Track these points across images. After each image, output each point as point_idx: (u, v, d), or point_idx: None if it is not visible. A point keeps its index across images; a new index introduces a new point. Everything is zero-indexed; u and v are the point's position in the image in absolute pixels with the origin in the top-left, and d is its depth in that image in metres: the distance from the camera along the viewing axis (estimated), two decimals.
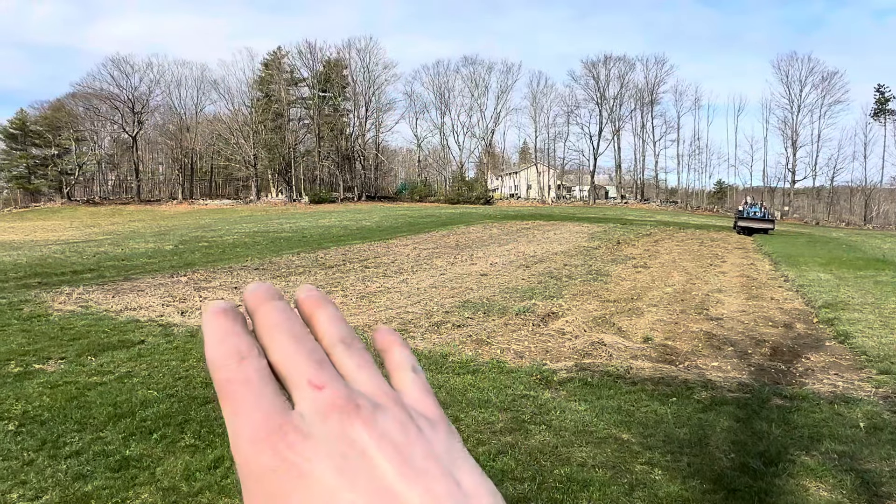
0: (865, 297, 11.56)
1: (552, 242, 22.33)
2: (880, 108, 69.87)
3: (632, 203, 71.76)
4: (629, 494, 3.73)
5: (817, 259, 18.80)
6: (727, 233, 31.40)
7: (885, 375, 6.59)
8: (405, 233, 25.63)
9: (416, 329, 8.32)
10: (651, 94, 75.18)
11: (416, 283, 12.52)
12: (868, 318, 9.60)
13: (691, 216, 53.34)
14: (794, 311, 10.42)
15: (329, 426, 0.26)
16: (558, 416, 4.97)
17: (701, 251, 20.89)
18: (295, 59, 72.34)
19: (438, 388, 5.68)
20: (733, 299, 11.47)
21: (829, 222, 62.42)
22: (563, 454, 4.25)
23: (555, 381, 6.01)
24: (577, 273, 14.29)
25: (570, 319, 9.20)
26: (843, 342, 8.21)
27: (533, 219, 36.55)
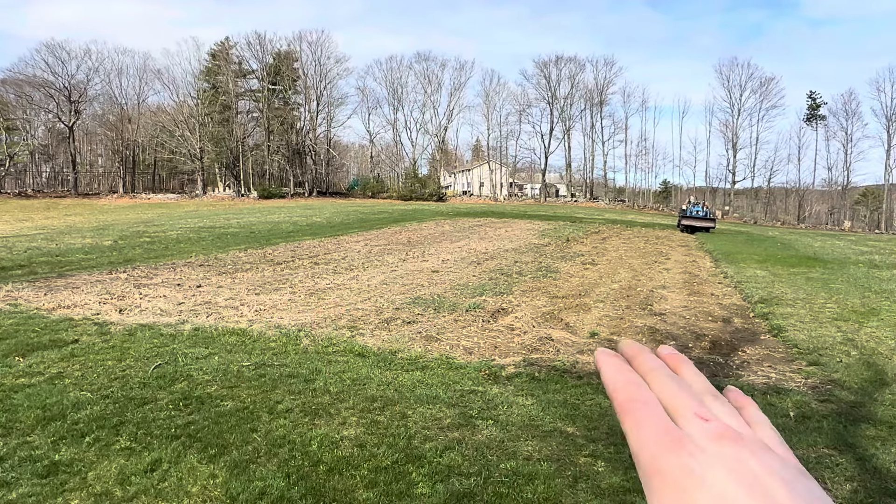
0: (797, 293, 12.14)
1: (503, 240, 22.54)
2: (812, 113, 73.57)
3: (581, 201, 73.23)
4: (573, 486, 3.80)
5: (754, 257, 19.64)
6: (671, 231, 32.43)
7: (814, 367, 6.93)
8: (357, 229, 25.39)
9: (365, 326, 8.24)
10: (600, 94, 76.85)
11: (366, 280, 12.41)
12: (800, 313, 10.08)
13: (638, 215, 54.83)
14: (732, 307, 10.83)
15: (721, 448, 0.32)
16: (505, 411, 5.01)
17: (646, 248, 21.49)
18: (244, 50, 70.60)
19: (386, 385, 5.64)
20: (676, 295, 11.84)
21: (766, 221, 65.32)
22: (510, 448, 4.29)
23: (503, 376, 6.06)
24: (527, 270, 14.46)
25: (520, 315, 9.30)
26: (777, 336, 8.59)
27: (485, 216, 36.81)
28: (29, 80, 63.60)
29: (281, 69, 69.28)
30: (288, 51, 71.55)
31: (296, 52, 71.86)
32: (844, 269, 16.87)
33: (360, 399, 5.24)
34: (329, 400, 5.20)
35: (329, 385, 5.57)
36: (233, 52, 70.04)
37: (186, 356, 6.44)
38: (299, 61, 72.02)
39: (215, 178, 71.76)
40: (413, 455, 4.18)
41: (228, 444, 4.32)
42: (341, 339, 7.37)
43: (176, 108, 66.59)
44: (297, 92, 72.59)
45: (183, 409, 4.96)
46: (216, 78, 68.54)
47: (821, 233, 45.16)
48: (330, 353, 6.80)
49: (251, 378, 5.77)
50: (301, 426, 4.64)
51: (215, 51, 69.23)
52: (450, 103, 78.63)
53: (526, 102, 77.57)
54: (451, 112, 78.77)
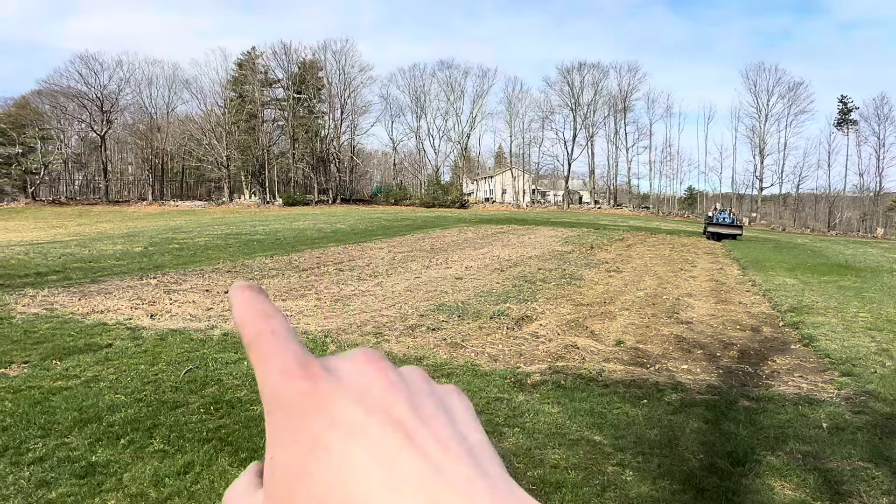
0: (829, 302, 11.89)
1: (527, 247, 22.48)
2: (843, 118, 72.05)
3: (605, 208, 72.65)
4: (601, 495, 3.78)
5: (783, 264, 19.28)
6: (697, 238, 31.99)
7: (847, 377, 6.78)
8: (380, 236, 25.55)
9: (390, 332, 8.29)
10: (624, 101, 76.33)
11: (390, 287, 12.49)
12: (831, 322, 9.87)
13: (663, 221, 54.21)
14: (761, 315, 10.65)
15: (353, 366, 0.30)
16: (532, 419, 5.00)
17: (672, 256, 21.24)
18: (269, 59, 71.74)
19: None
20: (703, 303, 11.69)
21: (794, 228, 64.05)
22: (537, 456, 4.28)
23: (528, 383, 6.05)
24: (550, 277, 14.40)
25: (544, 323, 9.27)
26: (808, 345, 8.42)
27: (508, 223, 36.75)
28: (63, 91, 65.49)
29: (306, 78, 70.26)
30: (313, 60, 72.55)
31: (320, 62, 72.84)
32: (878, 277, 16.46)
33: None
34: None
35: None
36: (259, 62, 71.28)
37: (216, 361, 6.55)
38: (324, 70, 72.96)
39: (241, 186, 72.90)
40: None
41: (259, 448, 4.39)
42: (367, 345, 7.42)
43: (203, 117, 67.89)
44: (322, 100, 73.50)
45: (214, 412, 5.05)
46: (243, 87, 69.77)
47: (852, 240, 44.13)
48: None
49: None
50: None
51: (242, 61, 70.50)
52: (472, 111, 78.88)
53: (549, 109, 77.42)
54: (473, 119, 78.99)
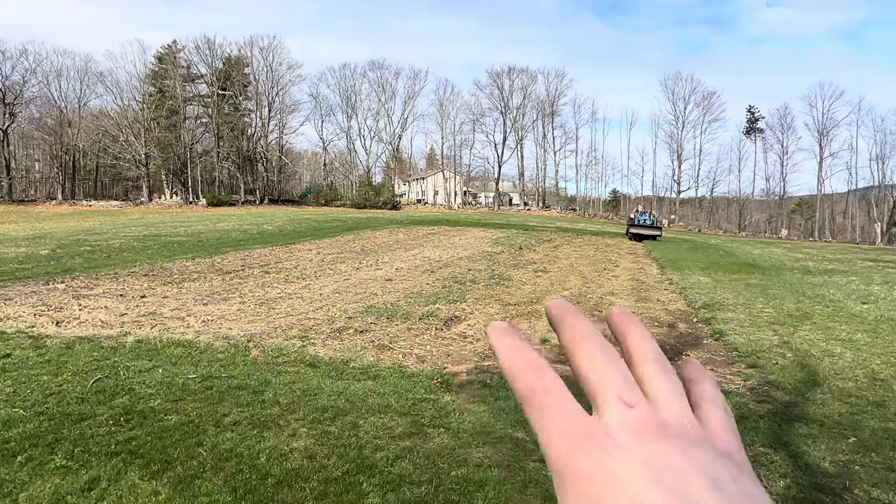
0: (738, 299, 12.65)
1: (457, 248, 22.66)
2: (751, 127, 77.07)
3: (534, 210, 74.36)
4: (522, 492, 3.85)
5: (698, 264, 20.37)
6: (620, 239, 33.28)
7: (753, 369, 7.23)
8: (309, 237, 25.05)
9: (316, 335, 8.13)
10: (552, 105, 78.45)
11: (318, 289, 12.26)
12: (739, 318, 10.50)
13: (588, 223, 56.07)
14: (677, 312, 11.19)
15: (641, 443, 0.28)
16: (457, 419, 5.04)
17: (596, 256, 21.99)
18: (192, 54, 68.96)
19: (337, 395, 5.58)
20: (624, 301, 12.15)
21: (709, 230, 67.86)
22: (461, 456, 4.31)
23: (455, 384, 6.09)
24: (480, 278, 14.58)
25: (472, 323, 9.37)
26: (719, 339, 8.92)
27: (439, 224, 36.94)
28: None
29: (231, 74, 67.94)
30: (238, 56, 70.28)
31: (247, 58, 70.66)
32: (781, 275, 17.68)
33: (311, 410, 5.17)
34: (278, 411, 5.11)
35: (279, 396, 5.48)
36: (180, 56, 68.35)
37: (128, 369, 6.21)
38: (250, 67, 70.84)
39: (162, 185, 69.56)
40: (364, 465, 4.15)
41: (172, 459, 4.19)
42: (292, 350, 7.25)
43: (120, 113, 64.30)
44: (248, 98, 71.32)
45: (124, 424, 4.78)
46: (163, 82, 66.66)
47: (760, 240, 47.21)
48: (280, 363, 6.68)
49: (197, 391, 5.61)
50: (249, 439, 4.54)
51: (162, 54, 67.35)
52: (404, 112, 78.80)
53: (479, 112, 78.49)
54: (405, 120, 78.94)
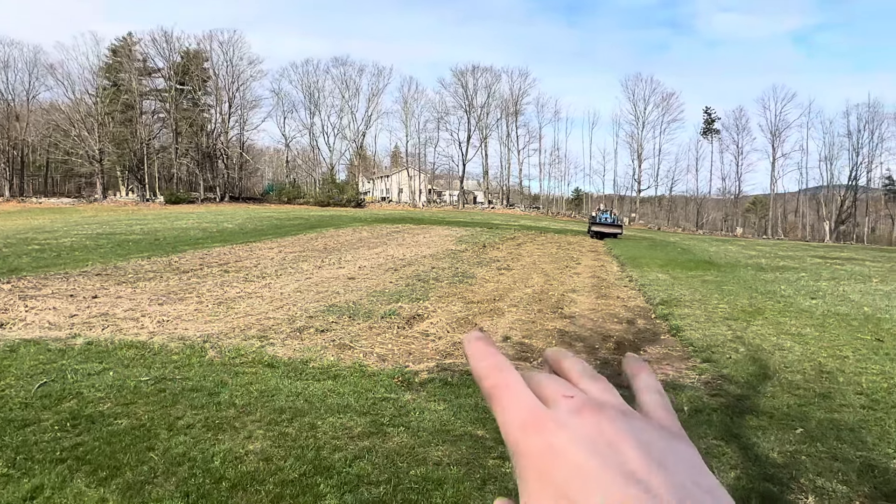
0: (694, 295, 12.97)
1: (421, 246, 22.63)
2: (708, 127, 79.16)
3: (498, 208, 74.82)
4: (481, 489, 3.85)
5: (657, 261, 20.81)
6: (582, 237, 33.77)
7: (707, 363, 7.42)
8: (270, 235, 24.65)
9: (276, 335, 8.00)
10: (515, 104, 79.03)
11: (279, 288, 12.07)
12: (695, 313, 10.77)
13: (552, 221, 56.71)
14: (636, 308, 11.41)
15: (581, 420, 0.32)
16: (417, 417, 5.02)
17: (559, 254, 22.25)
18: (148, 47, 66.94)
19: (296, 395, 5.50)
20: (585, 298, 12.33)
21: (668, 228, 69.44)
22: (420, 454, 4.29)
23: (416, 382, 6.07)
24: (443, 276, 14.58)
25: (435, 321, 9.36)
26: (675, 335, 9.13)
27: (403, 222, 36.83)
28: None
29: (190, 69, 66.24)
30: (197, 50, 68.59)
31: (206, 52, 69.04)
32: (735, 271, 18.21)
33: (268, 411, 5.07)
34: (234, 413, 5.00)
35: (235, 398, 5.36)
36: (136, 49, 66.28)
37: (77, 372, 5.99)
38: (209, 61, 69.23)
39: (117, 182, 67.41)
40: (322, 466, 4.09)
41: (122, 464, 4.06)
42: (250, 350, 7.11)
43: (72, 106, 61.96)
44: (208, 93, 69.72)
45: (71, 429, 4.61)
46: (118, 75, 64.56)
47: (716, 238, 48.53)
48: (237, 364, 6.54)
49: (150, 393, 5.45)
50: (203, 442, 4.43)
51: (116, 47, 65.21)
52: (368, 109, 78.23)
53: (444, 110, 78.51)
54: (369, 118, 78.36)
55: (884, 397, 6.18)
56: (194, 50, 68.26)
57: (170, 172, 68.08)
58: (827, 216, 71.31)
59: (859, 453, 4.63)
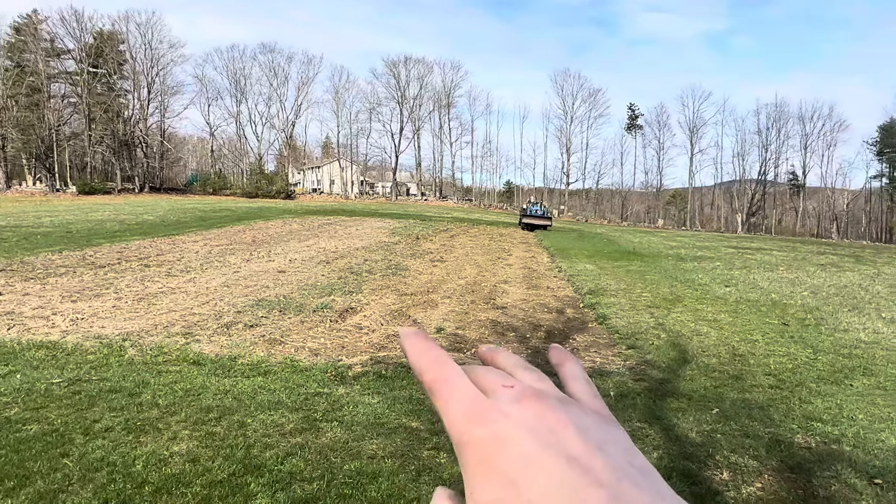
0: (619, 284, 13.49)
1: (354, 238, 22.36)
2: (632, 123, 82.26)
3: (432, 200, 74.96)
4: (416, 480, 3.86)
5: (584, 252, 21.50)
6: (514, 229, 34.38)
7: (632, 350, 7.74)
8: (195, 228, 23.66)
9: (202, 331, 7.70)
10: (448, 96, 79.20)
11: (205, 283, 11.62)
12: (621, 302, 11.21)
13: (484, 213, 57.41)
14: (565, 298, 11.74)
15: (523, 409, 0.33)
16: (351, 411, 4.97)
17: (491, 246, 22.57)
18: (56, 26, 62.37)
19: (224, 393, 5.32)
20: (517, 289, 12.58)
21: (595, 220, 71.80)
22: (354, 449, 4.26)
23: (350, 376, 6.01)
24: (377, 268, 14.48)
25: (368, 314, 9.29)
26: (602, 323, 9.47)
27: (335, 214, 36.26)
28: None
29: (104, 51, 62.29)
30: (112, 31, 64.60)
31: (121, 34, 65.14)
32: (657, 262, 19.08)
33: (194, 410, 4.88)
34: (157, 414, 4.78)
35: (158, 398, 5.12)
36: (43, 28, 61.65)
37: None
38: (126, 43, 65.39)
39: (23, 171, 62.65)
40: (252, 465, 3.98)
41: (32, 473, 3.79)
42: (174, 348, 6.81)
43: None
44: (125, 77, 65.88)
45: None
46: (22, 56, 59.83)
47: (639, 230, 50.63)
48: (160, 363, 6.25)
49: (63, 396, 5.12)
50: (123, 445, 4.21)
51: (20, 25, 60.40)
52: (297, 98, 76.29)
53: (376, 101, 77.66)
54: (298, 107, 76.44)
55: (789, 377, 6.66)
56: (108, 31, 64.26)
57: (83, 161, 63.97)
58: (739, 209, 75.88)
59: (768, 430, 4.98)
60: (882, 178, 71.37)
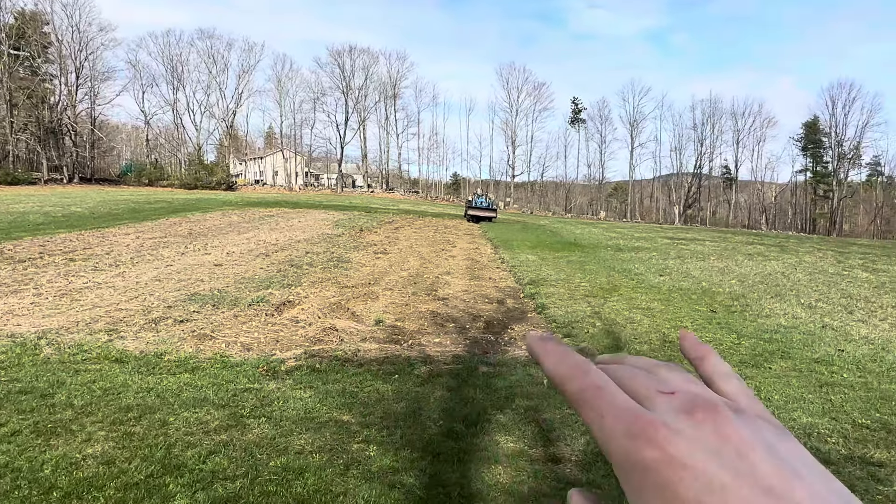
0: (559, 274, 13.74)
1: (296, 230, 21.92)
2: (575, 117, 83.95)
3: (378, 192, 74.40)
4: (344, 474, 3.80)
5: (527, 243, 21.80)
6: (459, 220, 34.52)
7: (568, 338, 7.89)
8: (127, 220, 22.64)
9: (127, 328, 7.36)
10: (394, 87, 78.68)
11: (135, 277, 11.13)
12: (560, 292, 11.41)
13: (431, 205, 57.40)
14: (507, 289, 11.86)
15: (697, 424, 0.29)
16: (280, 407, 4.85)
17: (435, 237, 22.57)
18: None
19: (146, 391, 5.09)
20: (459, 280, 12.62)
21: (540, 211, 73.00)
22: (281, 444, 4.15)
23: (282, 370, 5.87)
24: (318, 261, 14.23)
25: (306, 307, 9.11)
26: (541, 313, 9.61)
27: (277, 206, 35.46)
28: None
29: (26, 32, 58.58)
30: (35, 12, 60.80)
31: (46, 14, 61.43)
32: (597, 252, 19.55)
33: (113, 410, 4.65)
34: (71, 415, 4.53)
35: (73, 398, 4.86)
36: None
37: None
38: (51, 25, 61.73)
39: None
40: (172, 465, 3.83)
41: None
42: (95, 345, 6.48)
43: None
44: (50, 61, 62.21)
45: None
46: None
47: (582, 221, 51.78)
48: (79, 361, 5.94)
49: None
50: (31, 449, 3.96)
51: None
52: (238, 86, 74.06)
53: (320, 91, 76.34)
54: (239, 96, 74.25)
55: None
56: (31, 11, 60.45)
57: (4, 150, 60.10)
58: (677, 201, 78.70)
59: None
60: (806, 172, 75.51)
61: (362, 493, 3.59)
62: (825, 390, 5.91)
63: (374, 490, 3.62)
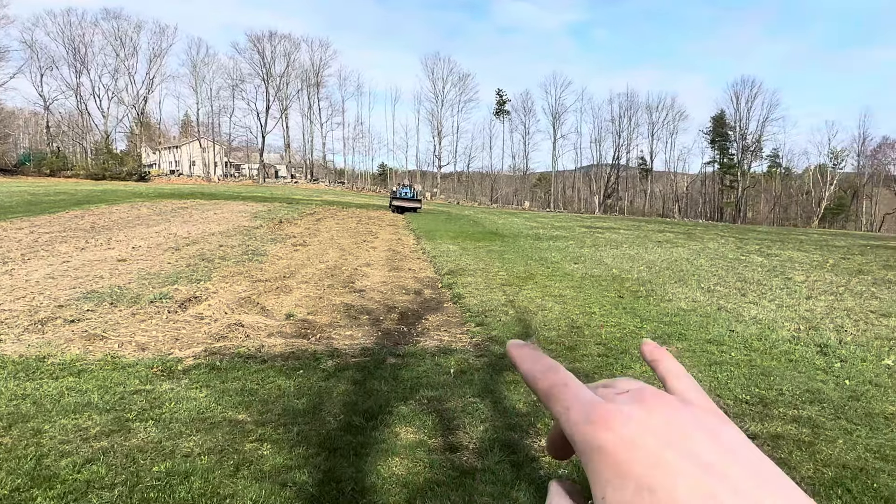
0: (478, 264, 13.90)
1: (210, 223, 21.05)
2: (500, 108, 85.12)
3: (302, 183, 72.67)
4: (233, 475, 3.67)
5: (449, 233, 21.93)
6: (384, 211, 34.28)
7: (480, 327, 7.98)
8: (21, 213, 20.99)
9: (8, 330, 6.80)
10: (317, 75, 76.90)
11: (24, 275, 10.33)
12: (477, 281, 11.54)
13: (356, 196, 56.64)
14: (426, 279, 11.87)
15: (648, 411, 0.33)
16: (171, 408, 4.62)
17: (358, 228, 22.30)
18: None
19: (21, 398, 4.72)
20: (378, 272, 12.51)
21: (466, 202, 73.67)
22: (168, 448, 3.96)
23: (179, 370, 5.60)
24: (231, 254, 13.73)
25: (213, 303, 8.75)
26: (457, 302, 9.68)
27: (192, 197, 33.92)
28: None
29: None
30: None
31: None
32: (516, 241, 19.94)
33: None
34: None
35: None
36: None
37: None
38: None
39: None
40: (42, 476, 3.56)
41: None
42: None
43: None
44: None
45: None
46: None
47: (506, 211, 52.70)
48: None
49: None
50: None
51: None
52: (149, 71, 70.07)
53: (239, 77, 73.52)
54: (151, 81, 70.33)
55: (616, 345, 7.22)
56: None
57: None
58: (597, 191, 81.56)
59: None
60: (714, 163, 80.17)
61: (251, 493, 3.48)
62: (714, 369, 6.28)
63: (265, 490, 3.52)
